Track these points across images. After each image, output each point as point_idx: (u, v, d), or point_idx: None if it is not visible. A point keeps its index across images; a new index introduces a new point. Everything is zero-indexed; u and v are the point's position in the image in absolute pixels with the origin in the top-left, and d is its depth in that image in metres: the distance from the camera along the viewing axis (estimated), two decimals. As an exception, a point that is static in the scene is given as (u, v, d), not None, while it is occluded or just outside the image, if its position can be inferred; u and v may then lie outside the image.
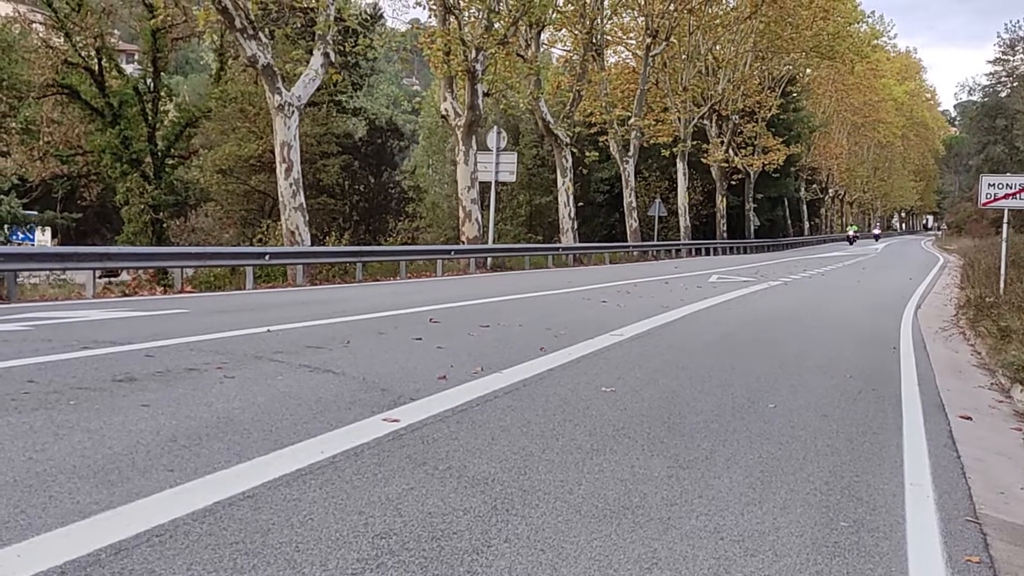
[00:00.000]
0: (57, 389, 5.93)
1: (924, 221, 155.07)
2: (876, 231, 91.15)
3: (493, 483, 4.26)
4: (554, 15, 33.35)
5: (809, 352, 9.95)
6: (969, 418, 6.67)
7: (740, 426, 5.88)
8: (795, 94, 62.02)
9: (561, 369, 7.76)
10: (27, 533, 3.31)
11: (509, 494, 4.11)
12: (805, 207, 76.67)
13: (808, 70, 63.04)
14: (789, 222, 69.52)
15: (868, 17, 64.24)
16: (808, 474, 4.83)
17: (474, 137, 28.84)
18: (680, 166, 47.64)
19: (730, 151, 51.98)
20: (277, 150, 22.16)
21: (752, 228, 56.71)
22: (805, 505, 4.26)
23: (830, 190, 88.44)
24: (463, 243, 28.40)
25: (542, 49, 39.58)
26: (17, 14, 37.36)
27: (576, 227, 36.56)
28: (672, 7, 40.79)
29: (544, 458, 4.79)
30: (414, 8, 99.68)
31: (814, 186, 79.58)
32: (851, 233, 74.37)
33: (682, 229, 47.87)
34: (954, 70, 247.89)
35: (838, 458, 5.23)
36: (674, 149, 46.53)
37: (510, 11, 30.14)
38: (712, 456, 5.06)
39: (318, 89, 24.46)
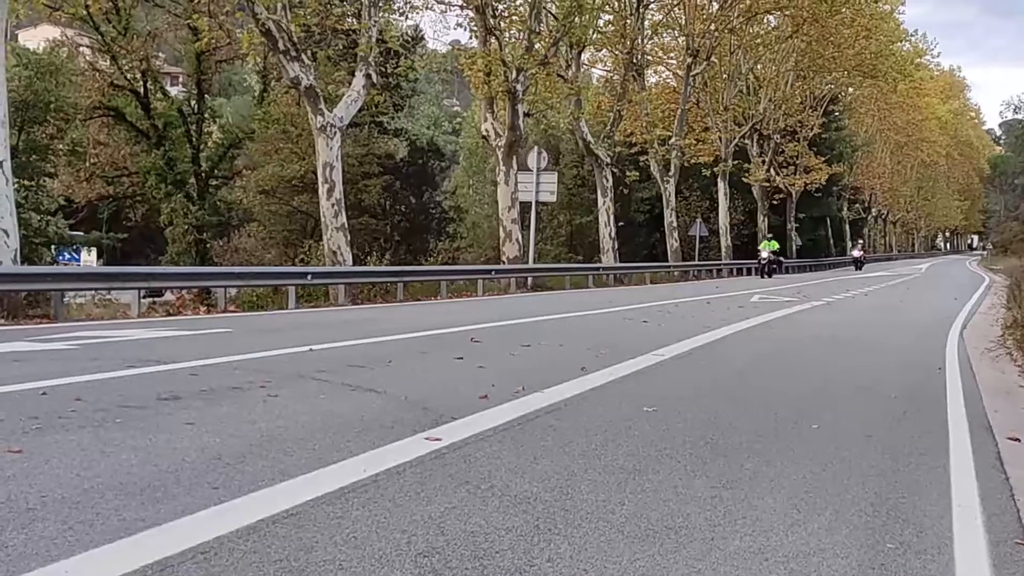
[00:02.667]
0: (104, 407, 6.00)
1: (969, 241, 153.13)
2: (856, 252, 59.22)
3: (535, 502, 4.25)
4: (595, 35, 33.46)
5: (853, 372, 9.84)
6: (1018, 439, 6.56)
7: (783, 447, 5.83)
8: (837, 113, 61.63)
9: (603, 389, 7.74)
10: (75, 550, 3.35)
11: (551, 513, 4.10)
12: (848, 227, 75.98)
13: (850, 89, 62.53)
14: (832, 242, 68.94)
15: (911, 36, 63.87)
16: (853, 495, 4.77)
17: (515, 157, 28.90)
18: (721, 186, 47.48)
19: (772, 170, 51.68)
20: (319, 171, 22.35)
21: (794, 248, 56.30)
22: (850, 526, 4.21)
23: (873, 209, 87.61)
24: (504, 263, 28.43)
25: (583, 69, 39.66)
26: (65, 38, 38.08)
27: (617, 247, 36.52)
28: (713, 27, 40.77)
29: (586, 478, 4.77)
30: (455, 30, 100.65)
31: (857, 205, 78.87)
32: (764, 254, 42.18)
33: (723, 249, 47.64)
34: (999, 89, 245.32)
35: (883, 479, 5.17)
36: (715, 169, 46.39)
37: (551, 32, 30.27)
38: (755, 477, 5.02)
39: (360, 110, 24.66)
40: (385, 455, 4.98)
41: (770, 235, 42.88)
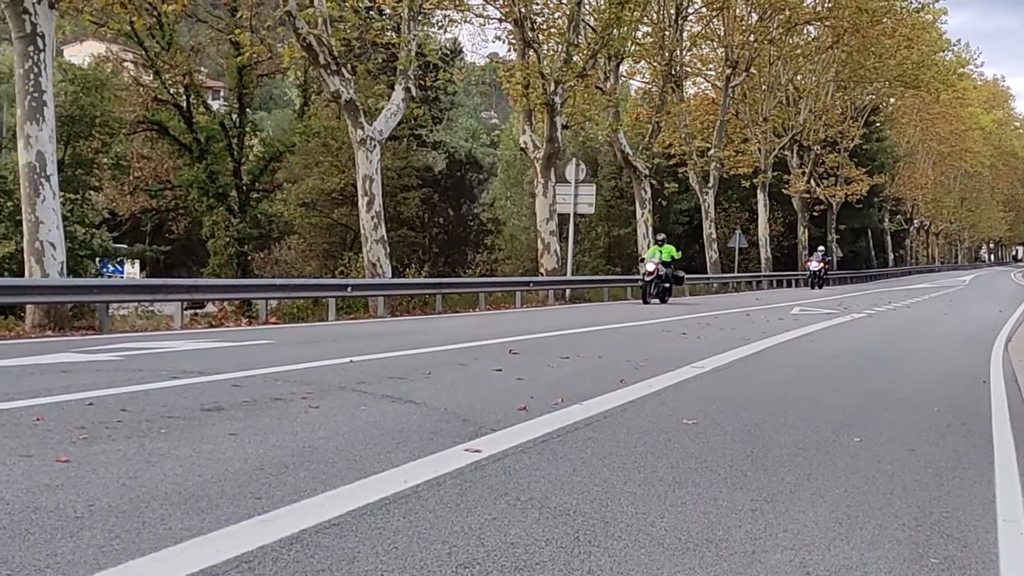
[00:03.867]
0: (149, 418, 6.08)
1: (1014, 252, 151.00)
2: (813, 264, 43.62)
3: (575, 514, 4.26)
4: (633, 47, 33.41)
5: (895, 385, 9.76)
6: (1064, 454, 6.48)
7: (825, 460, 5.79)
8: (878, 123, 61.06)
9: (642, 401, 7.73)
10: (121, 558, 3.39)
11: (591, 525, 4.10)
12: (889, 238, 75.29)
13: (892, 99, 62.01)
14: (873, 253, 68.29)
15: (954, 45, 62.97)
16: (896, 509, 4.73)
17: (553, 169, 28.93)
18: (761, 197, 47.22)
19: (812, 181, 51.33)
20: (359, 183, 22.50)
21: (835, 259, 55.83)
22: (893, 541, 4.17)
23: (915, 221, 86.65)
24: (542, 275, 28.43)
25: (621, 81, 39.66)
26: (109, 53, 38.59)
27: (655, 258, 36.35)
28: (752, 38, 40.62)
29: (626, 490, 4.77)
30: (493, 43, 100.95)
31: (898, 216, 78.06)
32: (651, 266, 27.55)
33: (763, 260, 47.35)
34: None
35: (927, 493, 5.12)
36: (755, 180, 46.14)
37: (589, 44, 30.31)
38: (797, 490, 4.99)
39: (399, 123, 24.79)
40: (425, 466, 5.01)
41: (661, 237, 28.85)
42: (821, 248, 45.48)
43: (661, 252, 27.24)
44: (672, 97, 38.17)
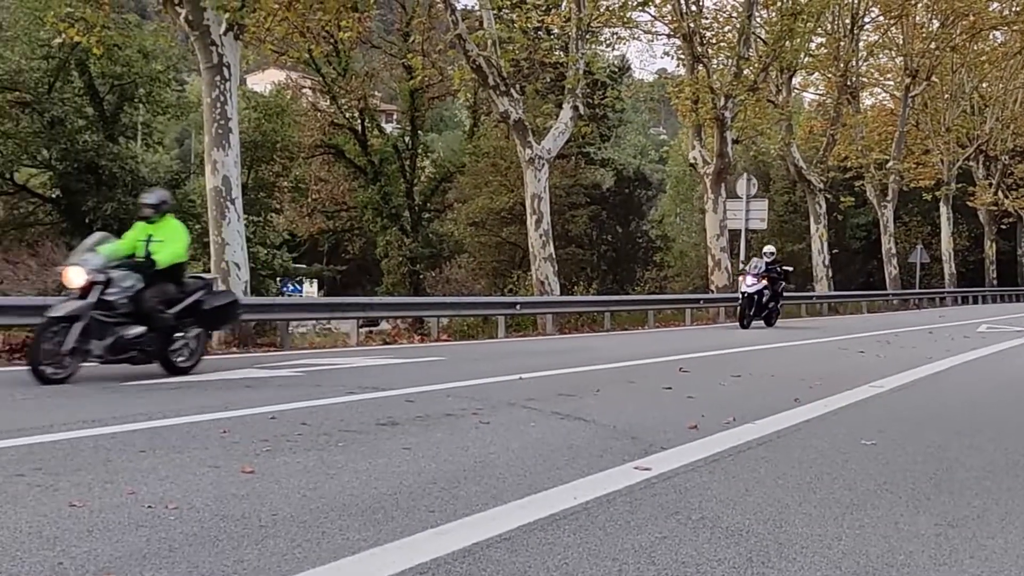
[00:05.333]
0: (327, 431, 6.29)
1: None
2: (748, 283, 21.80)
3: (748, 535, 4.17)
4: (806, 59, 32.72)
5: (1094, 407, 9.18)
6: None
7: (1016, 484, 5.49)
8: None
9: (817, 420, 7.51)
10: (303, 566, 3.52)
11: (764, 546, 4.01)
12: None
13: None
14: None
15: None
16: (1096, 539, 4.44)
17: (723, 185, 28.57)
18: (943, 210, 45.31)
19: (1000, 193, 48.90)
20: (527, 202, 22.74)
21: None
22: (1093, 572, 3.92)
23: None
24: (712, 292, 28.08)
25: (794, 94, 38.83)
26: (289, 80, 40.29)
27: (831, 275, 35.49)
28: (933, 45, 39.05)
29: (800, 511, 4.64)
30: (662, 58, 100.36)
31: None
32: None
33: (946, 276, 45.38)
34: None
35: None
36: (937, 192, 44.35)
37: (760, 57, 29.83)
38: (984, 515, 4.75)
39: (567, 141, 24.95)
40: (595, 483, 5.00)
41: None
42: (757, 262, 29.76)
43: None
44: (848, 108, 37.14)
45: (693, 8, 27.85)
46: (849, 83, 36.84)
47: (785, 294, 24.02)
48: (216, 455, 5.46)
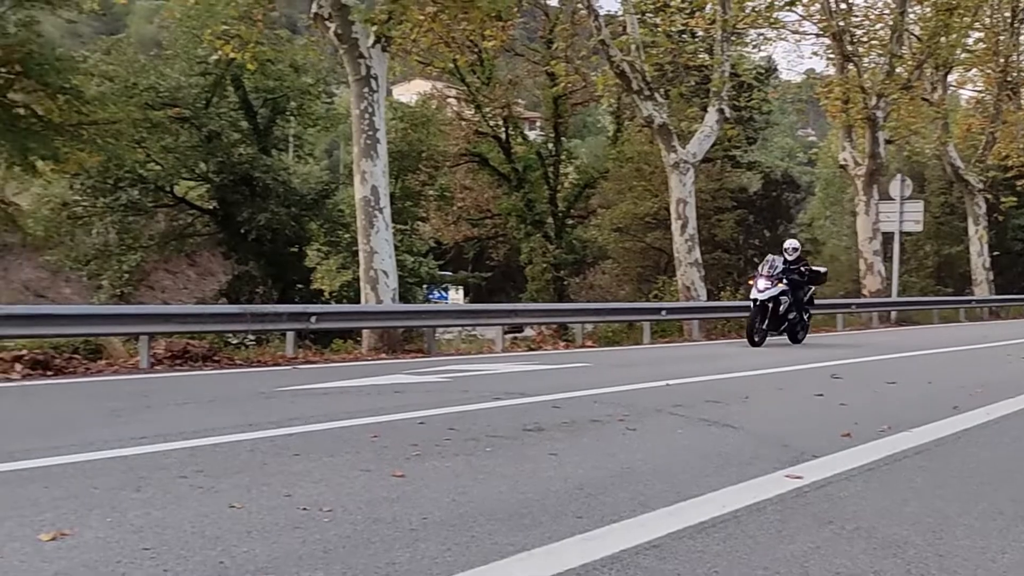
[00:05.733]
0: (474, 436, 6.36)
1: None
2: (762, 286, 16.64)
3: (906, 546, 4.03)
4: (963, 55, 31.50)
5: None
6: None
7: None
8: None
9: (979, 429, 7.20)
10: (452, 569, 3.56)
11: (924, 558, 3.86)
12: None
13: None
14: None
15: None
16: None
17: (875, 186, 27.78)
18: (1114, 209, 42.91)
19: None
20: (672, 207, 22.53)
21: None
22: None
23: None
24: (864, 296, 27.32)
25: (950, 91, 37.42)
26: (434, 90, 40.92)
27: (991, 278, 34.07)
28: (1105, 34, 37.06)
29: (961, 522, 4.46)
30: (809, 59, 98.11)
31: None
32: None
33: (1123, 278, 42.96)
34: None
35: None
36: (1110, 190, 42.04)
37: (914, 54, 28.89)
38: None
39: (712, 145, 24.64)
40: (744, 491, 4.91)
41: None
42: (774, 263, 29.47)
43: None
44: (1009, 105, 35.53)
45: (843, 6, 27.17)
46: (1009, 79, 35.24)
47: (816, 302, 19.03)
48: (367, 459, 5.58)
